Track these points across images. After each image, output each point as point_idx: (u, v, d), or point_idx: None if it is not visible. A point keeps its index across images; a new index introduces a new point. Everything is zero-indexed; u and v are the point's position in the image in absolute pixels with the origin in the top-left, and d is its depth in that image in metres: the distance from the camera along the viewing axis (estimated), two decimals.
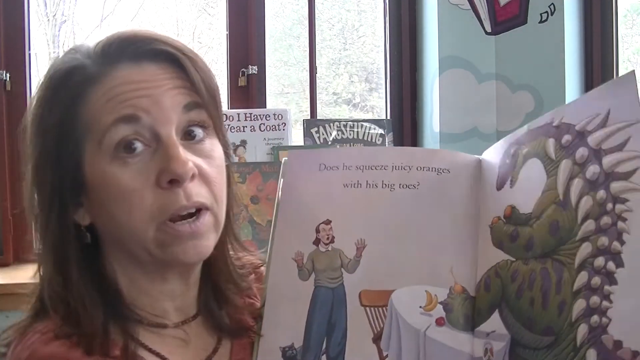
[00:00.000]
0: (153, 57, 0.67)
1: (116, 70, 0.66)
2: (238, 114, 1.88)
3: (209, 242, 0.68)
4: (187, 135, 0.68)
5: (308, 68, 2.25)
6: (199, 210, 0.67)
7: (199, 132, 0.68)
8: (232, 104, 2.17)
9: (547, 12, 2.11)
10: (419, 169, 0.75)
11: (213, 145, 0.70)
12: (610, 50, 2.08)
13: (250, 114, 1.88)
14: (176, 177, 0.64)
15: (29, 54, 2.01)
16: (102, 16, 2.24)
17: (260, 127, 1.87)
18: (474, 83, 2.26)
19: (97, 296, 0.67)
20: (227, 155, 0.73)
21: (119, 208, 0.64)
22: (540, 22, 2.12)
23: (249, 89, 2.17)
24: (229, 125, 1.86)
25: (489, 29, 2.25)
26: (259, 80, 2.19)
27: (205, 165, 0.68)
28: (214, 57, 2.34)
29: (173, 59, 0.67)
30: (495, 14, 2.24)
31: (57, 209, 0.66)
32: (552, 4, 2.09)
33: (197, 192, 0.66)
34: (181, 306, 0.73)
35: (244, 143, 1.86)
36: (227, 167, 0.73)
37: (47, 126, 0.66)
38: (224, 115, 1.85)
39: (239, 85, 2.17)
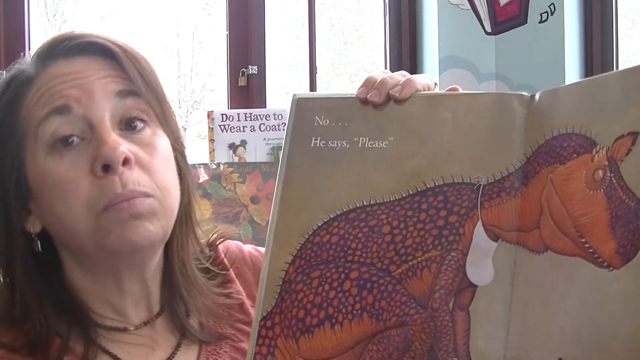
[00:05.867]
0: (83, 51, 0.66)
1: (48, 69, 0.66)
2: (238, 114, 1.88)
3: (153, 227, 0.63)
4: (128, 126, 0.65)
5: (308, 68, 2.25)
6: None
7: (139, 123, 0.66)
8: (232, 104, 2.17)
9: (547, 12, 2.11)
10: None
11: (155, 135, 0.67)
12: (610, 50, 2.08)
13: (250, 114, 1.88)
14: (106, 161, 0.61)
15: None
16: (102, 16, 2.24)
17: (260, 127, 1.87)
18: (474, 83, 2.26)
19: (51, 305, 0.66)
20: (178, 144, 0.70)
21: (56, 200, 0.63)
22: (540, 22, 2.12)
23: (249, 89, 2.17)
24: (229, 125, 1.86)
25: (489, 29, 2.25)
26: (259, 80, 2.19)
27: (145, 153, 0.64)
28: (214, 57, 2.34)
29: (104, 51, 0.66)
30: (495, 14, 2.24)
31: (3, 216, 0.66)
32: (552, 4, 2.09)
33: (135, 180, 0.62)
34: (142, 303, 0.70)
35: (244, 143, 1.86)
36: (180, 158, 0.70)
37: None
38: (223, 115, 1.86)
39: (239, 85, 2.17)
